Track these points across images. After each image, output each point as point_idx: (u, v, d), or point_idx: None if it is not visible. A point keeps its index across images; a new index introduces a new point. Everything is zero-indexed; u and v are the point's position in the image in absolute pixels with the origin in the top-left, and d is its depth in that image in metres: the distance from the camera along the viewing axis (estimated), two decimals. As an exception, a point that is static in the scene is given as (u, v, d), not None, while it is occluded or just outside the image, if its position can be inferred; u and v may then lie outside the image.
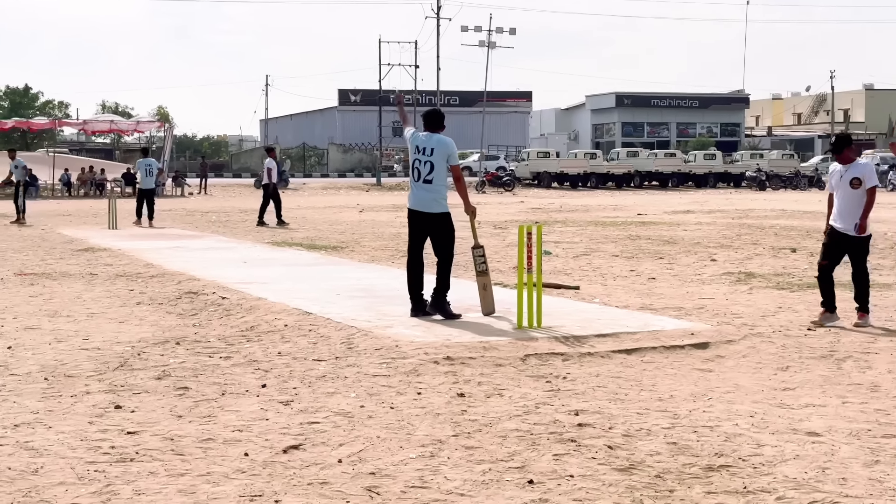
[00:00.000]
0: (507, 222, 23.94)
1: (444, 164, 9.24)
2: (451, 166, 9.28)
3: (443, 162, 9.23)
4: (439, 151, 9.22)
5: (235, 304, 10.34)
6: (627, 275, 13.40)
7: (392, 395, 6.54)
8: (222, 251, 17.07)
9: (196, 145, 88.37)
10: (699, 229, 21.64)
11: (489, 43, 66.41)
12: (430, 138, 9.32)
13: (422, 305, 9.33)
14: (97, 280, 12.83)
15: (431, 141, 9.29)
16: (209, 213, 30.00)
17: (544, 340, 8.20)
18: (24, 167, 26.13)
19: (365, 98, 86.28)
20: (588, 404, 6.30)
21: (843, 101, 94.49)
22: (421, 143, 9.36)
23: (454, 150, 9.37)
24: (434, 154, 9.23)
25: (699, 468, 5.00)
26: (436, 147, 9.24)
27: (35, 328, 9.16)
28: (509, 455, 5.22)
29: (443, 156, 9.22)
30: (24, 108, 74.89)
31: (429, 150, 9.27)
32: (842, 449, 5.36)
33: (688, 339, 8.33)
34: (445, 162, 9.24)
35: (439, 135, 9.34)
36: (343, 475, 4.90)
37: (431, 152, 9.25)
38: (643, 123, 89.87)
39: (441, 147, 9.25)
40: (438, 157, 9.22)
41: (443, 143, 9.28)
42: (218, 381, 6.95)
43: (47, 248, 17.81)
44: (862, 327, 9.10)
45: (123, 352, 7.99)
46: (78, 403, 6.33)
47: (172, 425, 5.81)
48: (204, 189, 48.64)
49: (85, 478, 4.85)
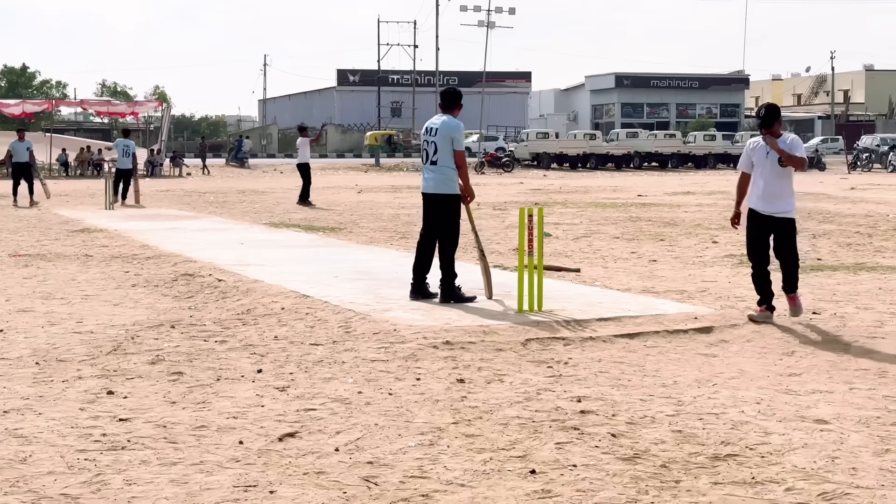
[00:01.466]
0: (506, 203, 23.76)
1: (450, 146, 9.05)
2: (455, 151, 9.10)
3: (447, 143, 9.04)
4: (442, 132, 9.05)
5: (232, 286, 10.20)
6: (628, 257, 13.26)
7: (390, 380, 6.40)
8: (219, 232, 16.92)
9: (194, 125, 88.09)
10: (700, 211, 21.48)
11: (488, 23, 66.09)
12: (437, 120, 9.16)
13: (422, 288, 9.18)
14: (92, 262, 12.68)
15: (437, 122, 9.14)
16: (207, 194, 29.81)
17: (545, 325, 8.06)
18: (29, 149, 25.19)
19: (364, 78, 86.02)
20: (590, 390, 6.17)
21: (843, 81, 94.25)
22: (429, 124, 9.22)
23: (458, 134, 9.13)
24: (437, 135, 9.07)
25: (705, 457, 4.87)
26: (440, 128, 9.08)
27: (28, 311, 9.02)
28: (510, 443, 5.09)
29: (446, 137, 9.04)
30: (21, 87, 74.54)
31: (434, 130, 9.12)
32: (851, 437, 5.23)
33: (691, 324, 8.19)
34: (450, 143, 9.05)
35: (448, 116, 9.16)
36: (340, 464, 4.77)
37: (435, 133, 9.09)
38: (643, 104, 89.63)
39: (445, 128, 9.07)
40: (441, 138, 9.04)
41: (447, 124, 9.10)
42: (213, 366, 6.82)
43: (43, 228, 17.66)
44: (798, 314, 8.31)
45: (117, 335, 7.85)
46: (69, 389, 6.19)
47: (166, 412, 5.68)
48: (205, 169, 48.38)
49: (75, 466, 4.72)
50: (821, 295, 9.80)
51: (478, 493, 4.40)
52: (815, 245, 14.51)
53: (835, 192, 28.84)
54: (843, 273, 11.57)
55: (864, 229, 17.16)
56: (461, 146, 9.15)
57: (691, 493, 4.40)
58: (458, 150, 9.10)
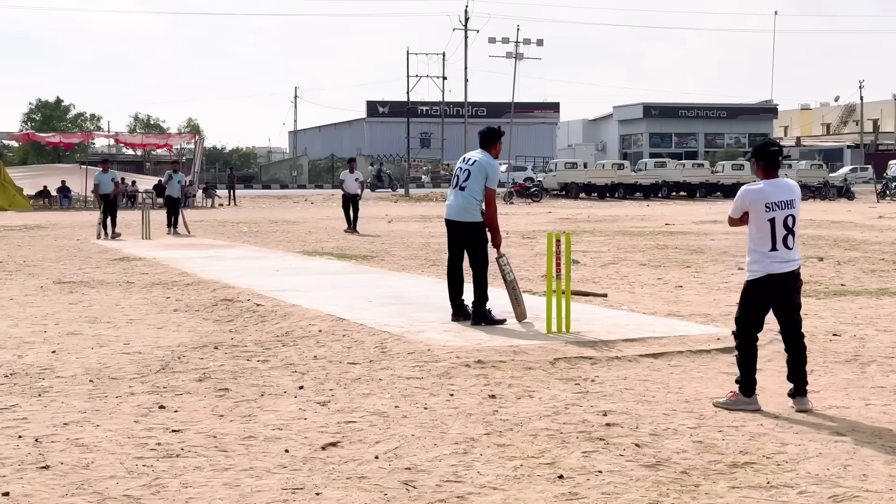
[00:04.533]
0: (534, 232, 24.14)
1: (482, 180, 9.40)
2: (486, 188, 9.46)
3: (480, 176, 9.39)
4: (480, 165, 9.43)
5: (270, 310, 10.58)
6: (655, 283, 13.55)
7: (425, 396, 6.74)
8: (255, 260, 17.35)
9: (225, 157, 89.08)
10: (727, 239, 21.71)
11: (516, 54, 66.60)
12: (477, 154, 9.56)
13: (462, 310, 9.54)
14: (134, 288, 13.11)
15: (477, 156, 9.53)
16: (240, 224, 30.34)
17: (573, 345, 8.38)
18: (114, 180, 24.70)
19: (393, 109, 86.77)
20: (616, 405, 6.48)
21: (872, 111, 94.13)
22: (468, 155, 9.66)
23: (493, 172, 9.47)
24: (474, 165, 9.45)
25: (724, 465, 5.17)
26: (478, 160, 9.47)
27: (77, 334, 9.43)
28: (540, 452, 5.41)
29: (482, 170, 9.40)
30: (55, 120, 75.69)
31: (471, 160, 9.52)
32: (864, 448, 5.52)
33: (714, 344, 8.49)
34: (484, 178, 9.42)
35: (487, 154, 9.53)
36: (380, 470, 5.10)
37: (473, 163, 9.48)
38: (671, 134, 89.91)
39: (483, 163, 9.45)
40: (477, 169, 9.42)
41: (486, 160, 9.47)
42: (256, 382, 7.18)
43: (83, 257, 18.15)
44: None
45: (164, 355, 8.24)
46: (123, 404, 6.57)
47: (214, 424, 6.04)
48: (233, 200, 49.03)
49: (134, 472, 5.08)
50: (842, 318, 10.06)
51: (509, 496, 4.72)
52: (838, 272, 14.71)
53: (862, 221, 28.98)
54: (865, 297, 11.81)
55: (890, 256, 17.35)
56: (493, 185, 9.49)
57: (709, 496, 4.70)
58: (490, 188, 9.45)
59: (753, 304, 6.59)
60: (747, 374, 6.54)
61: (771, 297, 6.55)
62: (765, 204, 6.46)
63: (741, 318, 6.64)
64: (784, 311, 6.60)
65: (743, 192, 6.63)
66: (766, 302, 6.57)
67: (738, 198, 6.63)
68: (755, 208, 6.50)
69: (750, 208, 6.53)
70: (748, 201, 6.55)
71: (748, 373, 6.54)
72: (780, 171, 6.74)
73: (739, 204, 6.61)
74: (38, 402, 6.63)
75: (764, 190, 6.52)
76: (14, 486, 4.83)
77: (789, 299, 6.59)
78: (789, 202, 6.51)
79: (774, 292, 6.53)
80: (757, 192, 6.53)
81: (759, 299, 6.57)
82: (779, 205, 6.47)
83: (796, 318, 6.63)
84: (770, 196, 6.49)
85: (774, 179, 6.58)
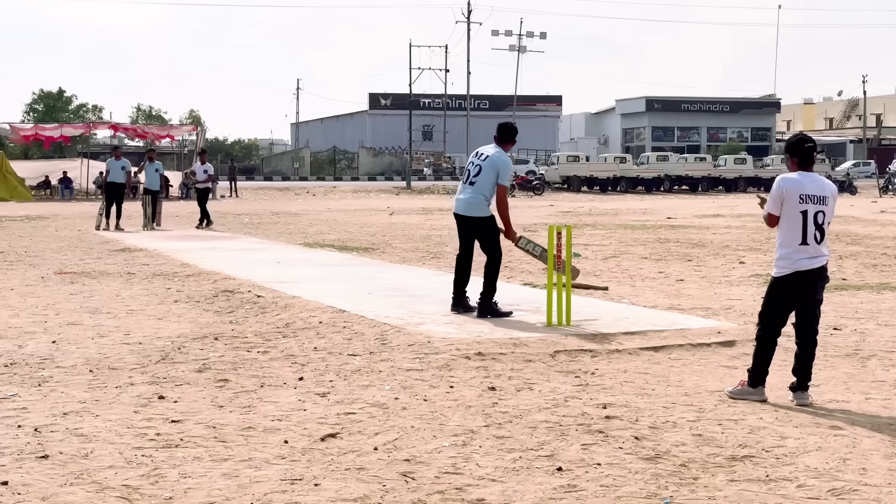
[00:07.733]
0: (536, 225, 24.10)
1: (493, 176, 9.40)
2: (498, 184, 9.44)
3: (492, 172, 9.39)
4: (492, 161, 9.43)
5: (270, 301, 10.58)
6: (656, 276, 13.54)
7: (425, 388, 6.74)
8: (256, 252, 17.35)
9: (227, 149, 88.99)
10: (728, 232, 21.71)
11: (519, 47, 66.64)
12: (490, 149, 9.55)
13: (463, 302, 9.55)
14: (135, 279, 13.11)
15: (490, 151, 9.52)
16: (241, 216, 30.33)
17: (573, 338, 8.38)
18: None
19: (395, 102, 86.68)
20: (616, 398, 6.48)
21: (875, 105, 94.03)
22: (481, 149, 9.64)
23: (505, 169, 9.46)
24: (486, 161, 9.44)
25: (723, 458, 5.17)
26: (491, 156, 9.46)
27: (77, 324, 9.43)
28: (539, 444, 5.40)
29: (493, 167, 9.39)
30: (58, 111, 75.56)
31: (483, 156, 9.50)
32: (863, 441, 5.51)
33: (714, 338, 8.49)
34: (495, 174, 9.40)
35: (501, 150, 9.52)
36: (379, 461, 5.10)
37: (485, 159, 9.47)
38: (673, 128, 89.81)
39: (495, 159, 9.44)
40: (489, 165, 9.41)
41: (499, 156, 9.47)
42: (256, 374, 7.18)
43: (84, 248, 18.15)
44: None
45: (164, 346, 8.24)
46: (123, 394, 6.57)
47: (214, 414, 6.04)
48: (234, 192, 48.98)
49: (133, 462, 5.08)
50: (843, 312, 10.05)
51: (508, 487, 4.72)
52: (840, 266, 14.70)
53: (864, 216, 28.95)
54: (866, 292, 11.81)
55: (892, 251, 17.34)
56: (505, 181, 9.48)
57: (708, 489, 4.70)
58: (501, 185, 9.45)
59: (778, 301, 6.55)
60: (760, 366, 6.52)
61: (797, 295, 6.50)
62: (799, 195, 6.41)
63: (765, 313, 6.60)
64: (806, 305, 6.55)
65: (780, 182, 6.55)
66: (791, 299, 6.52)
67: (775, 189, 6.53)
68: (790, 198, 6.43)
69: (785, 198, 6.45)
70: (784, 190, 6.46)
71: (761, 365, 6.52)
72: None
73: (777, 195, 6.51)
74: (37, 391, 6.63)
75: (800, 181, 6.46)
76: (13, 476, 4.83)
77: (814, 294, 6.53)
78: (822, 198, 6.45)
79: (800, 289, 6.48)
80: (793, 182, 6.46)
81: (784, 296, 6.52)
82: (812, 198, 6.43)
83: (815, 314, 6.58)
84: (806, 188, 6.43)
85: (810, 173, 6.53)
